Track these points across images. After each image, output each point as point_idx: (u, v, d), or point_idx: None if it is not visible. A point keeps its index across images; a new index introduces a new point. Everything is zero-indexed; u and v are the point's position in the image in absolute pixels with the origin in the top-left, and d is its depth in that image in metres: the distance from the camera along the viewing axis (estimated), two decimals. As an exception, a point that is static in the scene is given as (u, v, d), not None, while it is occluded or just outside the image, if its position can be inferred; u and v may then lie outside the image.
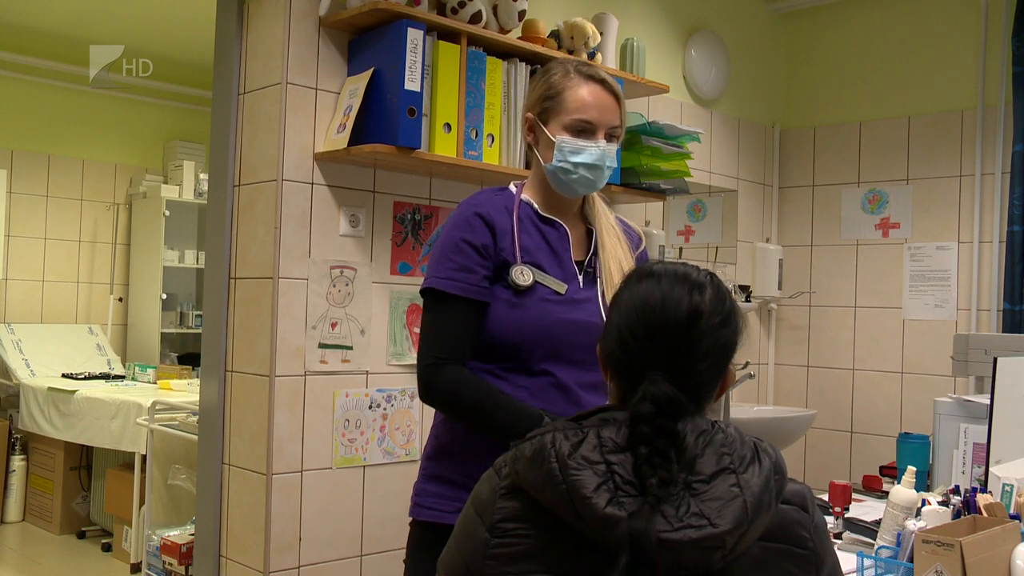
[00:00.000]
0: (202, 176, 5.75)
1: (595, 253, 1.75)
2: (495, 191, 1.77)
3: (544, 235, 1.72)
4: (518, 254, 1.67)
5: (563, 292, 1.68)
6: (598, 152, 1.69)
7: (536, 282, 1.66)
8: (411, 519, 1.75)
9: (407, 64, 2.36)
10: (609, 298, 1.57)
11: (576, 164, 1.68)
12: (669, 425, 1.06)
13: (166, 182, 5.89)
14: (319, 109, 2.51)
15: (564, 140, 1.69)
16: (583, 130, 1.69)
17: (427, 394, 1.66)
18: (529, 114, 1.75)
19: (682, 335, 1.12)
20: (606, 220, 1.78)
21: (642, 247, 1.85)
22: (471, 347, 1.65)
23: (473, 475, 1.58)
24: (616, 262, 1.72)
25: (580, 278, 1.72)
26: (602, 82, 1.71)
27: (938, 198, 3.80)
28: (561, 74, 1.72)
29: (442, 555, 1.18)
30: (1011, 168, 3.51)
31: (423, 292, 1.70)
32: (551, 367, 1.66)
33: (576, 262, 1.73)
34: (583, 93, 1.69)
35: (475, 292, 1.65)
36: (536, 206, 1.74)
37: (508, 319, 1.65)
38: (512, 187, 1.79)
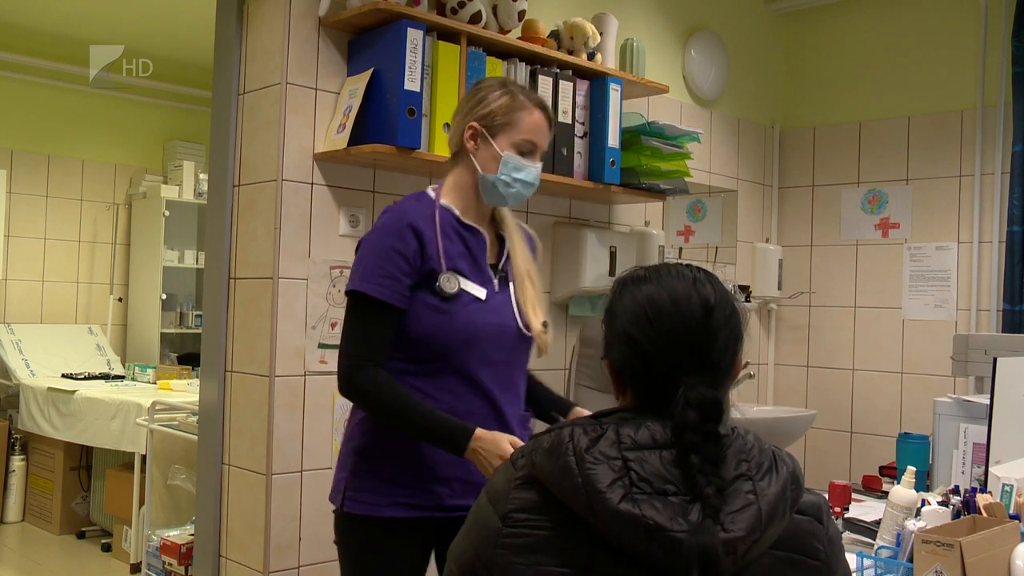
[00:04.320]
0: (202, 176, 5.74)
1: (507, 258, 1.88)
2: (415, 197, 1.87)
3: (465, 241, 1.83)
4: (443, 262, 1.77)
5: (483, 298, 1.80)
6: (535, 172, 1.86)
7: (461, 289, 1.77)
8: (339, 509, 1.83)
9: (407, 64, 2.36)
10: (524, 301, 1.84)
11: (516, 179, 1.83)
12: (714, 429, 1.07)
13: (166, 182, 5.88)
14: (319, 109, 2.51)
15: (511, 157, 1.83)
16: (528, 151, 1.84)
17: (349, 390, 1.76)
18: (476, 123, 1.83)
19: (701, 332, 1.12)
20: (514, 225, 1.92)
21: (537, 252, 2.01)
22: (389, 350, 1.77)
23: (403, 472, 1.77)
24: (525, 265, 1.88)
25: (495, 282, 1.84)
26: (546, 110, 1.88)
27: (938, 198, 3.80)
28: (520, 95, 1.85)
29: (452, 544, 1.19)
30: (1011, 168, 3.51)
31: (349, 293, 1.77)
32: (474, 368, 1.78)
33: (491, 266, 1.85)
34: (536, 117, 1.85)
35: (400, 300, 1.75)
36: (457, 212, 1.85)
37: (436, 324, 1.75)
38: (430, 191, 1.88)
